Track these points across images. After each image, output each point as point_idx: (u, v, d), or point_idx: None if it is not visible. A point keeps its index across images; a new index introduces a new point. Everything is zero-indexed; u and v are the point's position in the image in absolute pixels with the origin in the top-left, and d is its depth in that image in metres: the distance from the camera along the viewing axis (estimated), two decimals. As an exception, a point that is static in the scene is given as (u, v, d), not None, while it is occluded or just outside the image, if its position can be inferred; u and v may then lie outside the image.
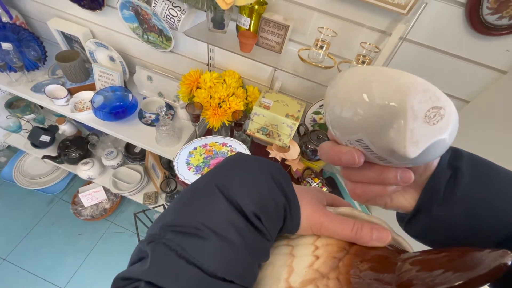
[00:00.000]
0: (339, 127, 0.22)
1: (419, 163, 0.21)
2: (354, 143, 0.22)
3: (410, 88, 0.18)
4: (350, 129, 0.21)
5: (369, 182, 0.24)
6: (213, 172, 0.26)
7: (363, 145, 0.21)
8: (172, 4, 0.79)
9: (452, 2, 0.64)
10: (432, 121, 0.18)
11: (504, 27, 0.62)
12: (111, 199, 1.63)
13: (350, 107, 0.20)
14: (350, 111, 0.20)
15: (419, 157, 0.19)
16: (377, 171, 0.23)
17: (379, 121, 0.19)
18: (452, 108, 0.19)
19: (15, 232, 1.51)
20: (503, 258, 0.14)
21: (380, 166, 0.23)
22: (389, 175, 0.23)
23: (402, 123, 0.18)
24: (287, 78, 0.99)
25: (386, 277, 0.19)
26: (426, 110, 0.18)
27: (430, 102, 0.18)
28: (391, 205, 0.27)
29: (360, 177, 0.25)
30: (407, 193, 0.26)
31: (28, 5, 1.17)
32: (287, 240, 0.27)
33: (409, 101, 0.18)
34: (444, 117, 0.18)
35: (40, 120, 1.44)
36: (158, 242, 0.21)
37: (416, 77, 0.18)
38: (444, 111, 0.18)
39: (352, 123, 0.20)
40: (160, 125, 0.97)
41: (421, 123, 0.18)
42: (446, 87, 0.80)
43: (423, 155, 0.19)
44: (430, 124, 0.18)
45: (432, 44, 0.72)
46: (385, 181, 0.23)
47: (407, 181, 0.22)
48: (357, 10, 0.72)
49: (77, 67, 1.08)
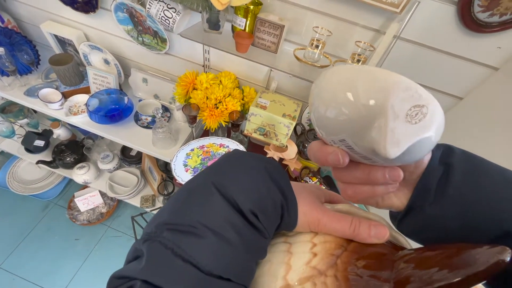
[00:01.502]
0: (323, 127, 0.22)
1: (406, 162, 0.21)
2: (338, 143, 0.22)
3: (391, 87, 0.18)
4: (333, 129, 0.21)
5: (358, 183, 0.24)
6: (209, 170, 0.25)
7: (346, 145, 0.21)
8: (167, 6, 0.79)
9: (444, 1, 0.65)
10: (414, 120, 0.18)
11: (495, 24, 0.63)
12: (108, 203, 1.61)
13: (332, 107, 0.20)
14: (332, 111, 0.20)
15: (402, 156, 0.18)
16: (365, 171, 0.23)
17: (361, 121, 0.19)
18: (436, 106, 0.18)
19: (9, 239, 1.49)
20: (501, 254, 0.14)
21: (367, 165, 0.23)
22: (377, 175, 0.22)
23: (383, 123, 0.18)
24: (283, 78, 0.99)
25: (383, 274, 0.19)
26: (408, 109, 0.18)
27: (412, 100, 0.18)
28: (383, 204, 0.26)
29: (349, 178, 0.25)
30: (399, 192, 0.25)
31: (20, 9, 1.16)
32: (285, 238, 0.27)
33: (389, 100, 0.17)
34: (427, 115, 0.18)
35: (34, 125, 1.42)
36: (154, 240, 0.21)
37: (399, 76, 0.18)
38: (427, 109, 0.18)
39: (335, 123, 0.20)
40: (157, 127, 0.96)
41: (402, 122, 0.18)
42: (440, 84, 0.81)
43: (406, 154, 0.18)
44: (412, 123, 0.18)
45: (426, 42, 0.73)
46: (374, 181, 0.23)
47: (396, 179, 0.22)
48: (352, 9, 0.73)
49: (71, 70, 1.07)
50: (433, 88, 0.82)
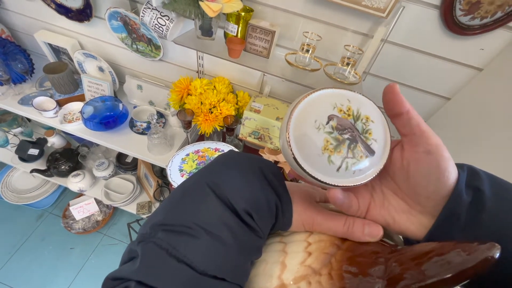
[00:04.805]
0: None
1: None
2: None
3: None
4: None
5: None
6: (204, 171, 0.25)
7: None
8: (160, 14, 0.81)
9: (427, 6, 0.67)
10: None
11: (477, 27, 0.66)
12: (104, 211, 1.59)
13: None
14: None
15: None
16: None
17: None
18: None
19: (3, 250, 1.46)
20: (490, 250, 0.14)
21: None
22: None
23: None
24: (276, 83, 1.01)
25: (377, 271, 0.19)
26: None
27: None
28: (394, 227, 0.24)
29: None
30: (412, 216, 0.23)
31: (14, 18, 1.16)
32: (280, 237, 0.27)
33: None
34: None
35: (28, 134, 1.41)
36: (148, 241, 0.21)
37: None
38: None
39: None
40: (152, 133, 0.97)
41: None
42: (428, 85, 0.83)
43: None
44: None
45: (412, 45, 0.76)
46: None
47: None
48: (340, 15, 0.75)
49: (66, 78, 1.07)
50: (421, 89, 0.84)
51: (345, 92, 0.22)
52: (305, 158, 0.21)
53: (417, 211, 0.23)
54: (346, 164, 0.21)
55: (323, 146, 0.20)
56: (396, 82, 0.85)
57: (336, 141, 0.21)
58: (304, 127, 0.21)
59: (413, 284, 0.16)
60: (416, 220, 0.23)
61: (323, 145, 0.20)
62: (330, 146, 0.20)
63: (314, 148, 0.21)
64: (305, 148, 0.21)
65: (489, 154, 0.65)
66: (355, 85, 0.74)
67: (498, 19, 0.63)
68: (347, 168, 0.21)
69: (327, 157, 0.21)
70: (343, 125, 0.21)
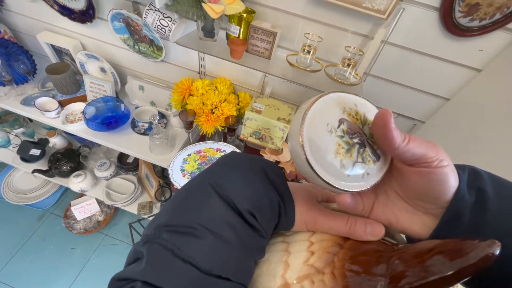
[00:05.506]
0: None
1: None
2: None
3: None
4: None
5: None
6: (207, 172, 0.26)
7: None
8: (162, 15, 0.82)
9: (427, 7, 0.68)
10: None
11: (476, 28, 0.67)
12: (105, 211, 1.60)
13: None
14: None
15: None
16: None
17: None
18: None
19: (4, 250, 1.46)
20: (490, 247, 0.15)
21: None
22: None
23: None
24: (277, 83, 1.02)
25: (379, 269, 0.19)
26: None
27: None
28: (397, 226, 0.24)
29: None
30: (416, 216, 0.23)
31: (17, 19, 1.17)
32: (283, 237, 0.27)
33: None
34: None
35: (30, 134, 1.42)
36: (153, 242, 0.21)
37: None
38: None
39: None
40: (153, 133, 0.97)
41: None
42: (427, 86, 0.84)
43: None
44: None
45: (412, 46, 0.77)
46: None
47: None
48: (341, 16, 0.76)
49: (68, 79, 1.08)
50: (420, 90, 0.85)
51: (352, 97, 0.22)
52: (318, 161, 0.21)
53: (420, 212, 0.23)
54: (356, 168, 0.21)
55: (336, 149, 0.21)
56: (396, 82, 0.86)
57: (347, 145, 0.21)
58: (317, 130, 0.21)
59: (415, 281, 0.16)
60: (420, 220, 0.23)
61: (336, 149, 0.21)
62: (341, 150, 0.21)
63: (327, 152, 0.21)
64: (319, 151, 0.21)
65: (488, 154, 0.66)
66: (356, 85, 0.75)
67: (497, 21, 0.64)
68: (357, 172, 0.21)
69: (340, 161, 0.21)
70: (353, 129, 0.21)
